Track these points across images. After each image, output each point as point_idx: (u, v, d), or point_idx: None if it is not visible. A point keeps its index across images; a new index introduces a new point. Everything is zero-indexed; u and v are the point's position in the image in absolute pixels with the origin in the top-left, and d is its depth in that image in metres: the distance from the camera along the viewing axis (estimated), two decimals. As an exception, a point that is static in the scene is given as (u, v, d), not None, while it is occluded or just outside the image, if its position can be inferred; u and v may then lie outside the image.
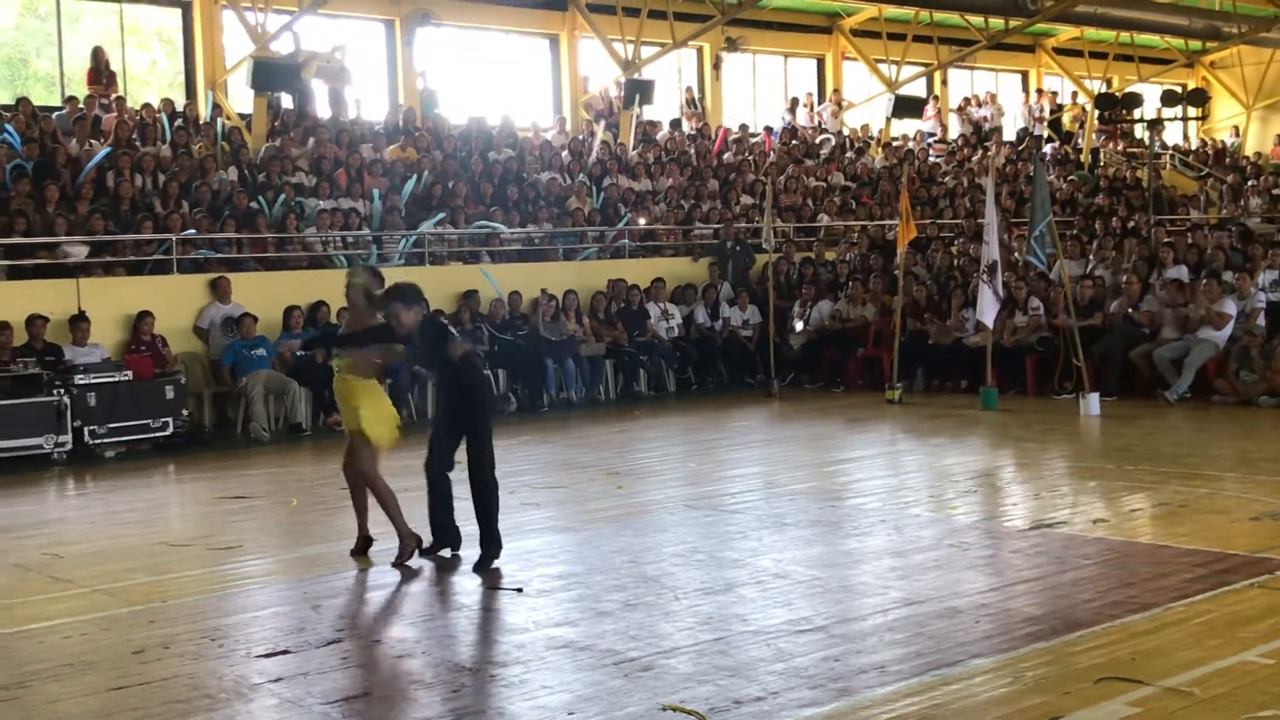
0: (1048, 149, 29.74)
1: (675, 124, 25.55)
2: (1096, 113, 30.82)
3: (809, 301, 19.01)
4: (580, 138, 23.19)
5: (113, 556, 8.87)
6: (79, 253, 15.15)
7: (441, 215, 18.27)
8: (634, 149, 23.28)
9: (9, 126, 17.26)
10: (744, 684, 5.72)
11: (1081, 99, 31.73)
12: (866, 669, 5.89)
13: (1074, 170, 28.85)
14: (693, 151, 24.02)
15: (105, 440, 13.60)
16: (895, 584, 7.42)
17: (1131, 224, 21.67)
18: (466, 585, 7.82)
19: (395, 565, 8.30)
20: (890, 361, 16.78)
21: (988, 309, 15.20)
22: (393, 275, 9.56)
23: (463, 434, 8.31)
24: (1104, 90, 31.19)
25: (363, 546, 8.59)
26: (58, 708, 5.75)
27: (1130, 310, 16.11)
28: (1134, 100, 30.55)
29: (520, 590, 7.52)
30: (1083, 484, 10.51)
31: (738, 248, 20.24)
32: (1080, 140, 31.15)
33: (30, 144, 17.07)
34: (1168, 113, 31.34)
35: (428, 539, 8.47)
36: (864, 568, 7.92)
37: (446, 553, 8.45)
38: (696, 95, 27.02)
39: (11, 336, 13.69)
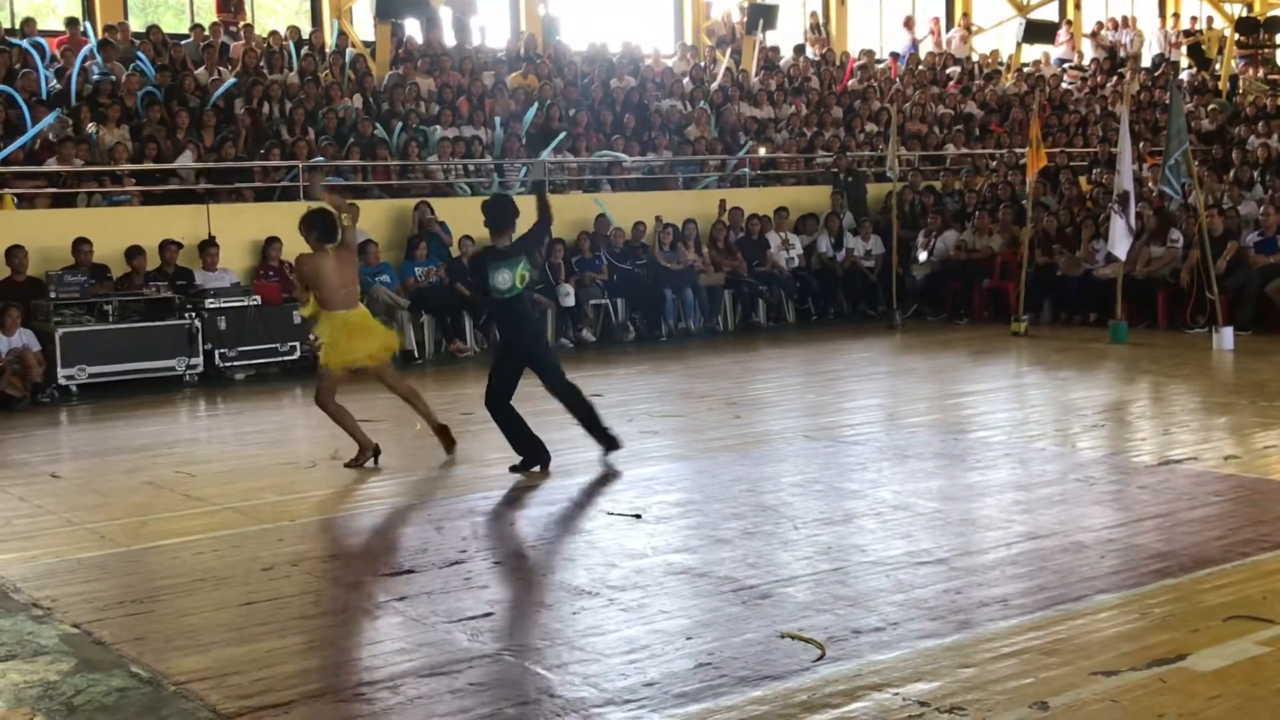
0: (1184, 76, 28.77)
1: (799, 50, 25.17)
2: (1236, 37, 29.70)
3: (934, 231, 18.67)
4: (702, 64, 22.95)
5: (243, 475, 9.09)
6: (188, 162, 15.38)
7: (562, 136, 18.18)
8: (756, 76, 22.98)
9: (140, 54, 17.60)
10: (863, 614, 5.70)
11: (1220, 23, 30.61)
12: (988, 602, 5.82)
13: (1212, 98, 27.90)
14: (816, 78, 23.64)
15: (235, 363, 13.92)
16: (1018, 518, 7.31)
17: (1272, 154, 20.89)
18: (586, 510, 7.88)
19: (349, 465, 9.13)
20: (1016, 293, 16.46)
21: (1119, 240, 14.79)
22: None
23: (521, 362, 8.59)
24: (1244, 14, 30.03)
25: (368, 455, 9.20)
26: (189, 621, 5.92)
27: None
28: (1276, 24, 29.37)
29: (639, 516, 7.56)
30: (1214, 419, 10.25)
31: (849, 178, 19.90)
32: (1219, 67, 30.07)
33: (161, 71, 17.37)
34: (1312, 37, 30.15)
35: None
36: (986, 501, 7.83)
37: (537, 469, 8.77)
38: (821, 20, 26.56)
39: (145, 261, 14.04)
